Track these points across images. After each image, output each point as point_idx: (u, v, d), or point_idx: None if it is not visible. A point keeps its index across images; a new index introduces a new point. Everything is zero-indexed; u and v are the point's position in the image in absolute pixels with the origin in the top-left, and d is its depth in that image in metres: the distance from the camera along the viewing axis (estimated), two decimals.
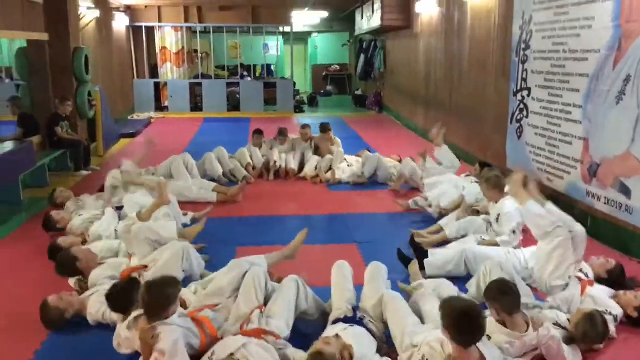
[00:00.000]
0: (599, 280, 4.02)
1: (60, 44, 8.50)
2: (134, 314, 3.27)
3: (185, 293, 3.75)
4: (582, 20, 5.57)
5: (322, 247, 5.31)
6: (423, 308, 3.50)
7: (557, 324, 3.40)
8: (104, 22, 12.18)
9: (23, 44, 8.60)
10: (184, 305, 3.54)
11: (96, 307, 3.67)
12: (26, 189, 6.90)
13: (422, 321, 3.39)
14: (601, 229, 5.30)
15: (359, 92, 18.33)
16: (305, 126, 8.64)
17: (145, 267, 4.06)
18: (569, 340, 3.27)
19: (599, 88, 5.30)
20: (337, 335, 3.00)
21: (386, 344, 3.36)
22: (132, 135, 11.37)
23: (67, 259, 4.08)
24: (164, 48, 15.24)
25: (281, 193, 7.22)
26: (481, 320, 2.72)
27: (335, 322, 3.34)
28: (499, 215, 4.80)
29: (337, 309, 3.46)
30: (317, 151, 8.27)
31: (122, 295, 3.38)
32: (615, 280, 3.99)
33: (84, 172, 8.10)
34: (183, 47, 15.36)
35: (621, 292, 3.80)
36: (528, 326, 3.17)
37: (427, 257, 4.52)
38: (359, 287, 3.75)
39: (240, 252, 4.99)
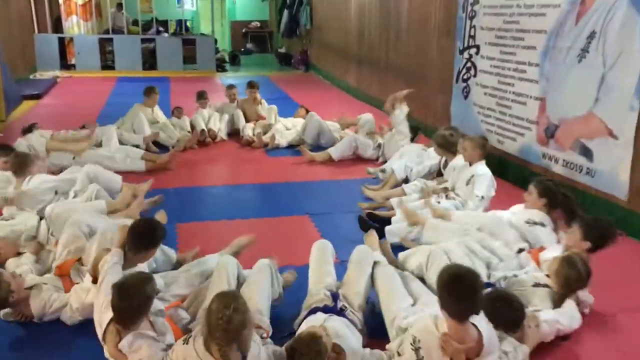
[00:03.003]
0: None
1: None
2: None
3: None
4: None
5: (272, 220, 4.81)
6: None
7: (538, 284, 3.20)
8: None
9: None
10: None
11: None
12: None
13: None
14: None
15: (282, 50, 17.60)
16: (231, 86, 8.02)
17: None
18: (559, 297, 3.08)
19: (559, 45, 5.06)
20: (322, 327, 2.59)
21: (366, 334, 2.98)
22: (36, 97, 10.16)
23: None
24: None
25: (216, 160, 6.60)
26: (476, 287, 2.39)
27: (313, 310, 2.91)
28: (472, 176, 4.50)
29: (315, 294, 3.03)
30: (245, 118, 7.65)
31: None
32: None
33: None
34: None
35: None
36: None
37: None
38: None
39: (182, 229, 4.45)
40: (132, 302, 2.50)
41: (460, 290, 2.34)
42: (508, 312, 2.79)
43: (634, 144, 4.33)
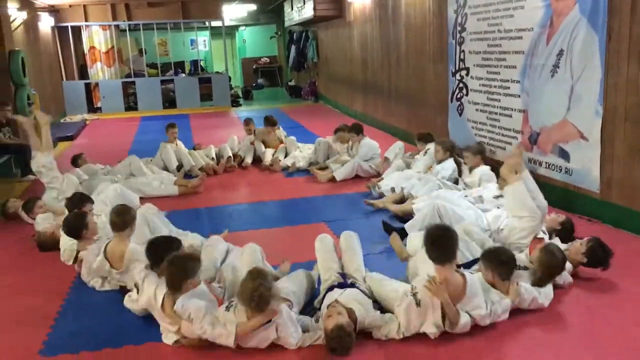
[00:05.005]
0: (552, 232, 4.47)
1: None
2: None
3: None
4: (514, 2, 6.05)
5: (292, 228, 5.53)
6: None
7: (519, 267, 3.72)
8: (31, 24, 11.76)
9: None
10: None
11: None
12: None
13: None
14: (543, 191, 5.80)
15: (292, 83, 18.56)
16: (248, 121, 8.79)
17: None
18: (537, 280, 3.63)
19: (534, 63, 5.80)
20: (336, 301, 3.29)
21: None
22: (70, 138, 11.10)
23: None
24: (92, 48, 14.85)
25: (240, 183, 7.38)
26: (449, 236, 3.25)
27: (329, 289, 3.61)
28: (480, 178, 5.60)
29: (327, 279, 3.74)
30: (265, 146, 8.46)
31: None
32: (568, 229, 4.43)
33: (32, 177, 7.87)
34: (113, 46, 15.02)
35: (569, 244, 4.20)
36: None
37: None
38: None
39: None
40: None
41: (436, 239, 3.24)
42: (503, 260, 3.49)
43: (601, 143, 5.02)
